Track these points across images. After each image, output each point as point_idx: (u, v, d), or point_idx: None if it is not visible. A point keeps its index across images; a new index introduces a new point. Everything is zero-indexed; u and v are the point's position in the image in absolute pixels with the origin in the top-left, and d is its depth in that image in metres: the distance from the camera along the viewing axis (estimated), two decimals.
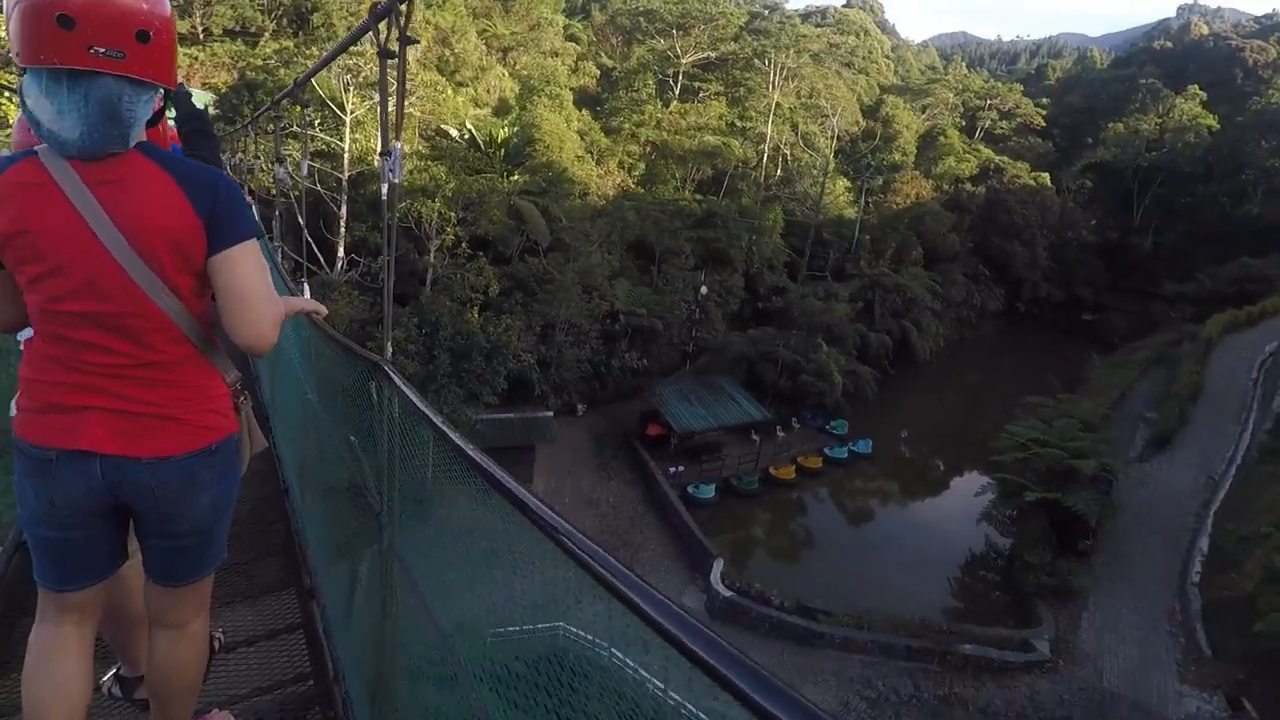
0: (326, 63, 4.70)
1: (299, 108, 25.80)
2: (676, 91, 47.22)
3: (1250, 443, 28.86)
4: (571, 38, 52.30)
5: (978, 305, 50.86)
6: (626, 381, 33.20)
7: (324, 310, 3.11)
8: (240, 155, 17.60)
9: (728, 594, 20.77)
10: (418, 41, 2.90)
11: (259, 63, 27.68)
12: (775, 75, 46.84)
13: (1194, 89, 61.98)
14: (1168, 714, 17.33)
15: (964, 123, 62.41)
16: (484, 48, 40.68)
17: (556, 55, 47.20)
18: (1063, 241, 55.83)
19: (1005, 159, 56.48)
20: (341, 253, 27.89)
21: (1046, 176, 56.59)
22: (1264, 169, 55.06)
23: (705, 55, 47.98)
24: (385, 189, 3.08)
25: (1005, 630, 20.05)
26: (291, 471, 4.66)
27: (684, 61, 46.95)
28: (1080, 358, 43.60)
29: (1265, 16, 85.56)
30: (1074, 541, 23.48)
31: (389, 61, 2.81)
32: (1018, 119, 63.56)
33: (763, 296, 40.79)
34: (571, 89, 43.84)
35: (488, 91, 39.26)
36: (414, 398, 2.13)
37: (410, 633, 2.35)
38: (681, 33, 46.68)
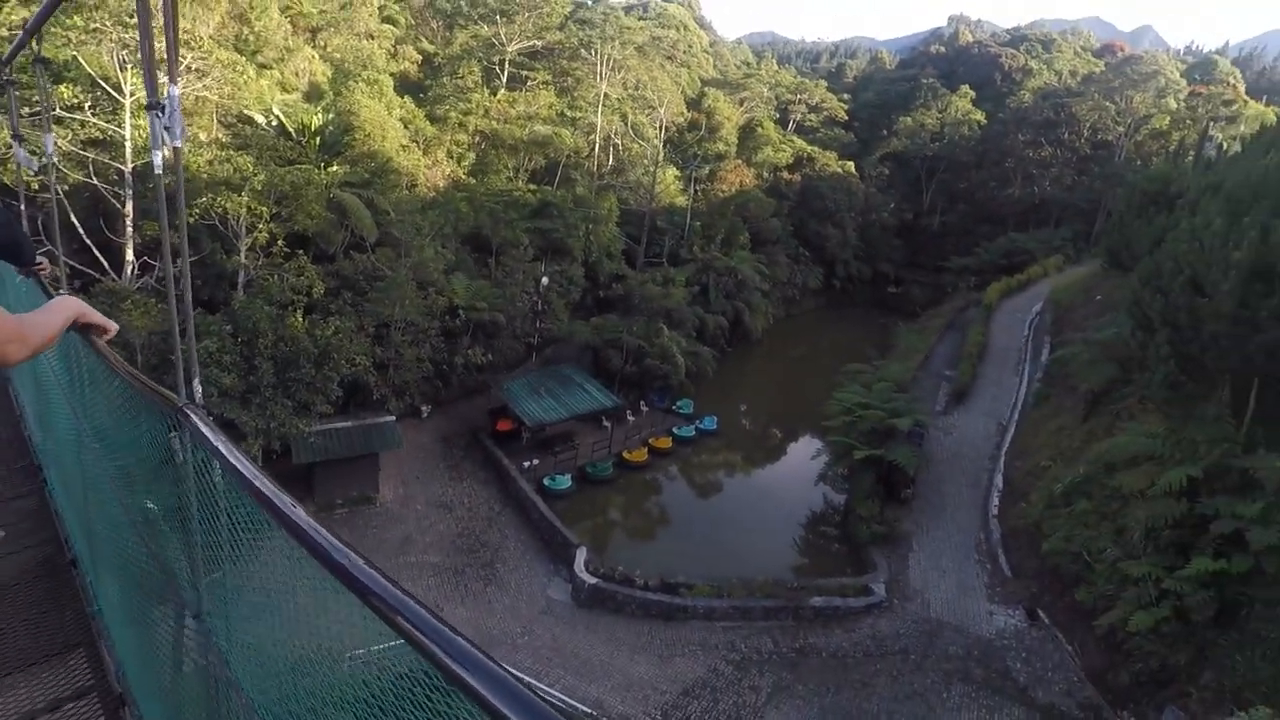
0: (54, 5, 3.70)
1: (62, 87, 22.22)
2: (504, 80, 46.19)
3: (1027, 390, 33.57)
4: (388, 20, 49.33)
5: (800, 284, 55.04)
6: (471, 378, 32.13)
7: (113, 328, 2.32)
8: None
9: (593, 581, 20.82)
10: None
11: (4, 33, 23.32)
12: (602, 66, 47.24)
13: (965, 88, 71.00)
14: (981, 632, 19.78)
15: (778, 115, 66.78)
16: (289, 26, 37.24)
17: (373, 38, 44.31)
18: (868, 223, 61.73)
19: (816, 149, 61.32)
20: (130, 256, 24.36)
21: (851, 164, 62.23)
22: (1021, 158, 64.16)
23: (531, 43, 47.31)
24: (157, 160, 2.31)
25: (846, 580, 21.85)
26: (80, 538, 3.60)
27: (510, 49, 45.96)
28: (889, 326, 48.46)
29: (1013, 29, 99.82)
30: (898, 491, 26.09)
31: None
32: (824, 112, 69.13)
33: (603, 284, 41.22)
34: (391, 74, 41.43)
35: (296, 75, 36.03)
36: (229, 454, 1.65)
37: None
38: (505, 19, 45.63)
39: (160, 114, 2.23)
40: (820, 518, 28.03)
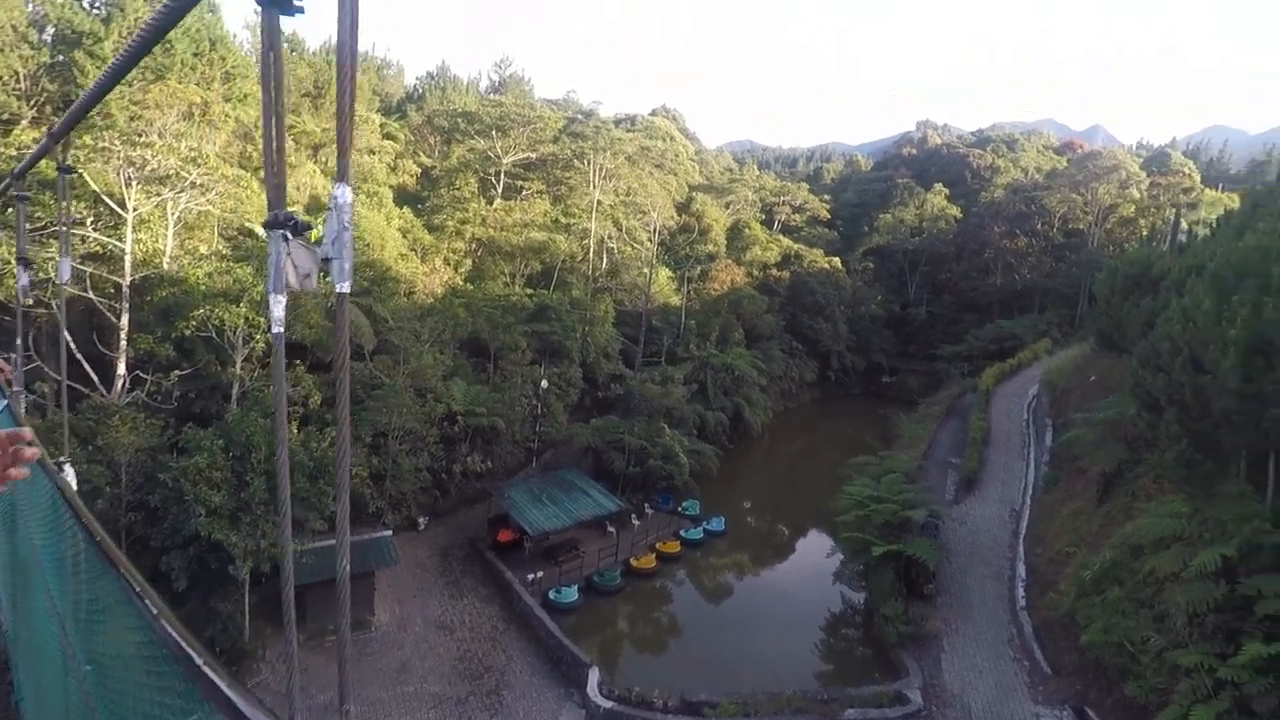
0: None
1: (64, 203, 22.61)
2: (499, 189, 47.83)
3: (1036, 475, 32.96)
4: (389, 136, 51.58)
5: (796, 378, 55.24)
6: (470, 487, 31.23)
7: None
8: None
9: (608, 705, 19.29)
10: None
11: (12, 153, 24.02)
12: (594, 175, 49.13)
13: (939, 186, 74.65)
14: None
15: (763, 216, 69.34)
16: (292, 143, 38.71)
17: (374, 153, 46.09)
18: (857, 316, 62.83)
19: (802, 247, 63.26)
20: (122, 369, 24.03)
21: (837, 260, 63.98)
22: (999, 249, 66.35)
23: (526, 155, 49.38)
24: (277, 312, 1.37)
25: (879, 687, 20.38)
26: None
27: (505, 161, 47.89)
28: (888, 416, 48.17)
29: (976, 132, 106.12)
30: (919, 587, 24.93)
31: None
32: (807, 212, 71.79)
33: (601, 385, 41.03)
34: (390, 187, 42.80)
35: (298, 189, 37.05)
36: None
37: None
38: (501, 134, 47.81)
39: (287, 237, 1.23)
40: (840, 619, 26.65)
